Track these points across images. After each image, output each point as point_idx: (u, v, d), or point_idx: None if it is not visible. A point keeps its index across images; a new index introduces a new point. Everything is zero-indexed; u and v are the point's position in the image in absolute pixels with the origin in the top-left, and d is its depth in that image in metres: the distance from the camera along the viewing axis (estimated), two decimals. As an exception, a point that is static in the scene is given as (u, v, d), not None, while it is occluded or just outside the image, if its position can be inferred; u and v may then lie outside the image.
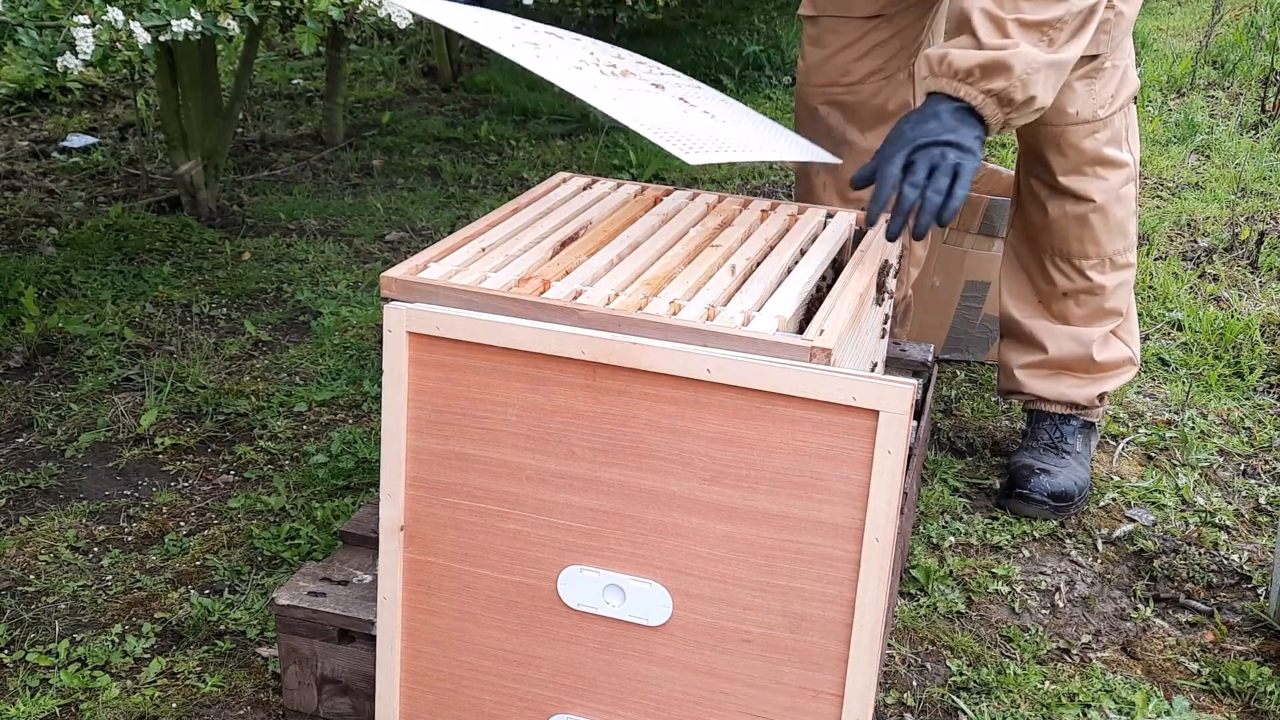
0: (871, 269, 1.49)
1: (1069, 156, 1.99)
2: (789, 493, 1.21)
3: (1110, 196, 2.02)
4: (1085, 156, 1.98)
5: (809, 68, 2.15)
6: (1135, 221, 2.09)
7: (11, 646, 1.68)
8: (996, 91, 1.58)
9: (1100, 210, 2.01)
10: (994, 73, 1.58)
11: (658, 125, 1.42)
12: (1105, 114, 1.96)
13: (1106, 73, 1.94)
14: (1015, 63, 1.57)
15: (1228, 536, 2.01)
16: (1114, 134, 1.99)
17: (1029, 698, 1.64)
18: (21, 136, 3.94)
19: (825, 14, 2.11)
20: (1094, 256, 2.05)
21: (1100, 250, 2.05)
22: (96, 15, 2.00)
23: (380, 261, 3.00)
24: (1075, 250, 2.05)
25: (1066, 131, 1.96)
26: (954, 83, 1.59)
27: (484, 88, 4.65)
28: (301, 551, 1.89)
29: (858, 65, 2.09)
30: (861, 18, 2.07)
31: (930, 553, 1.94)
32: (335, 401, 2.34)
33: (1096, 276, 2.05)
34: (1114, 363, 2.11)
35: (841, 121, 2.15)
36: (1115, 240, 2.05)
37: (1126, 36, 1.98)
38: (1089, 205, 2.00)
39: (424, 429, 1.31)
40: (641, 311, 1.28)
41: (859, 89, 2.11)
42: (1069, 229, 2.03)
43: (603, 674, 1.31)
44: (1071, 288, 2.07)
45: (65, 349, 2.49)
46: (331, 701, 1.50)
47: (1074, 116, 1.95)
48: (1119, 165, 2.01)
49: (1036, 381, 2.11)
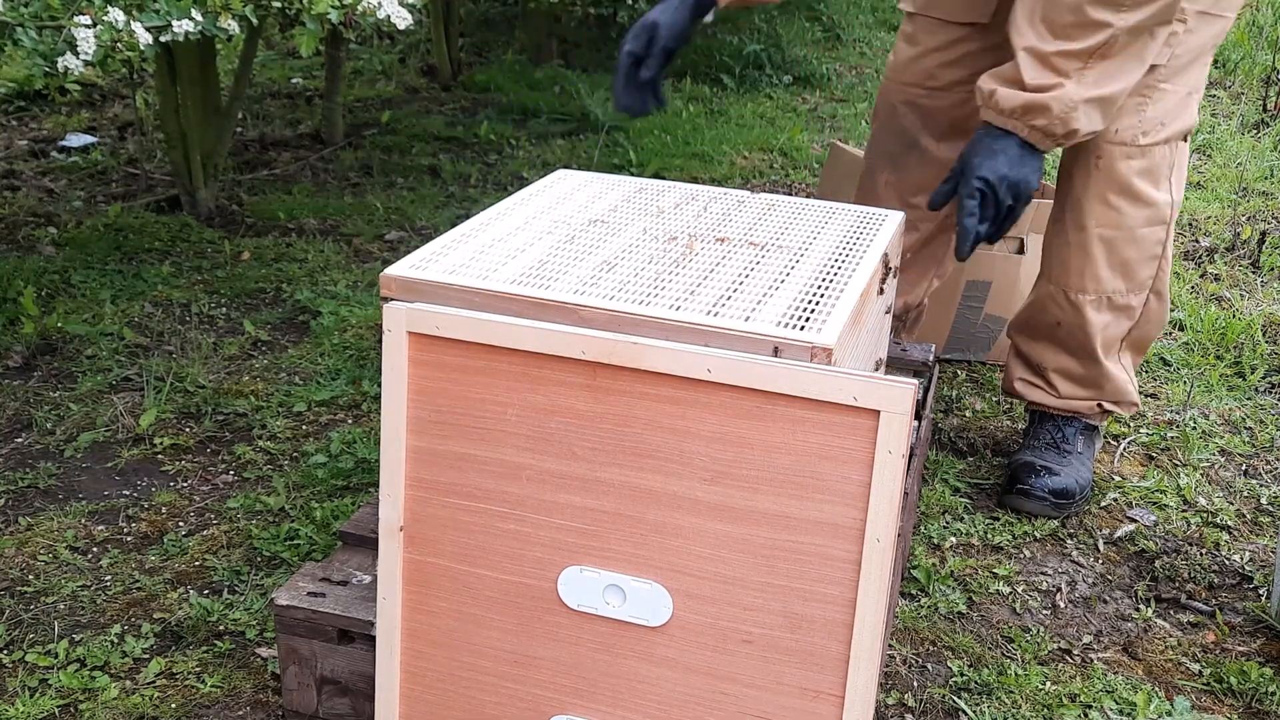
0: (872, 268, 1.49)
1: (1093, 177, 1.89)
2: (790, 493, 1.20)
3: (1123, 234, 1.90)
4: (1112, 182, 1.88)
5: (898, 63, 2.11)
6: (1152, 269, 1.95)
7: (11, 647, 1.68)
8: (1040, 128, 1.70)
9: (1107, 244, 1.91)
10: (1035, 113, 1.69)
11: None
12: (1146, 141, 1.85)
13: (1161, 94, 1.84)
14: (1053, 104, 1.68)
15: (1229, 537, 2.01)
16: (1151, 166, 1.88)
17: (1030, 698, 1.63)
18: (20, 136, 3.93)
19: (923, 13, 2.06)
20: (1091, 293, 1.95)
21: (1099, 287, 1.95)
22: (98, 15, 2.00)
23: (380, 261, 3.00)
24: (1073, 283, 1.95)
25: (1101, 148, 1.86)
26: (1001, 118, 1.72)
27: (484, 87, 4.65)
28: (301, 552, 1.89)
29: (945, 71, 2.04)
30: (957, 23, 2.02)
31: (931, 553, 1.94)
32: (335, 401, 2.34)
33: (1091, 314, 1.96)
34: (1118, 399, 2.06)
35: (917, 124, 2.10)
36: (1113, 280, 1.94)
37: (1196, 64, 1.86)
38: (1093, 235, 1.90)
39: (424, 429, 1.31)
40: (642, 311, 1.28)
41: (942, 95, 2.06)
42: (1069, 256, 1.94)
43: (603, 674, 1.31)
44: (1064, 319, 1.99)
45: (64, 349, 2.49)
46: (331, 702, 1.49)
47: (1112, 135, 1.85)
48: (1145, 202, 1.89)
49: (1038, 392, 2.10)
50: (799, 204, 1.69)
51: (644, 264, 1.42)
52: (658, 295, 1.33)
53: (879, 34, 5.76)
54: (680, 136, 4.03)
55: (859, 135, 4.15)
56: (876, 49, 5.50)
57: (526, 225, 1.53)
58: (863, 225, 1.62)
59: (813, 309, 1.32)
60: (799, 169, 3.78)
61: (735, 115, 4.36)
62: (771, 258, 1.46)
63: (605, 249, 1.46)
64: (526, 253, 1.44)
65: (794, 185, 3.64)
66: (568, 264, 1.40)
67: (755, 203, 1.67)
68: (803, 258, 1.48)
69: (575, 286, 1.34)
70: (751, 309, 1.30)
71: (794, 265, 1.45)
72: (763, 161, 3.86)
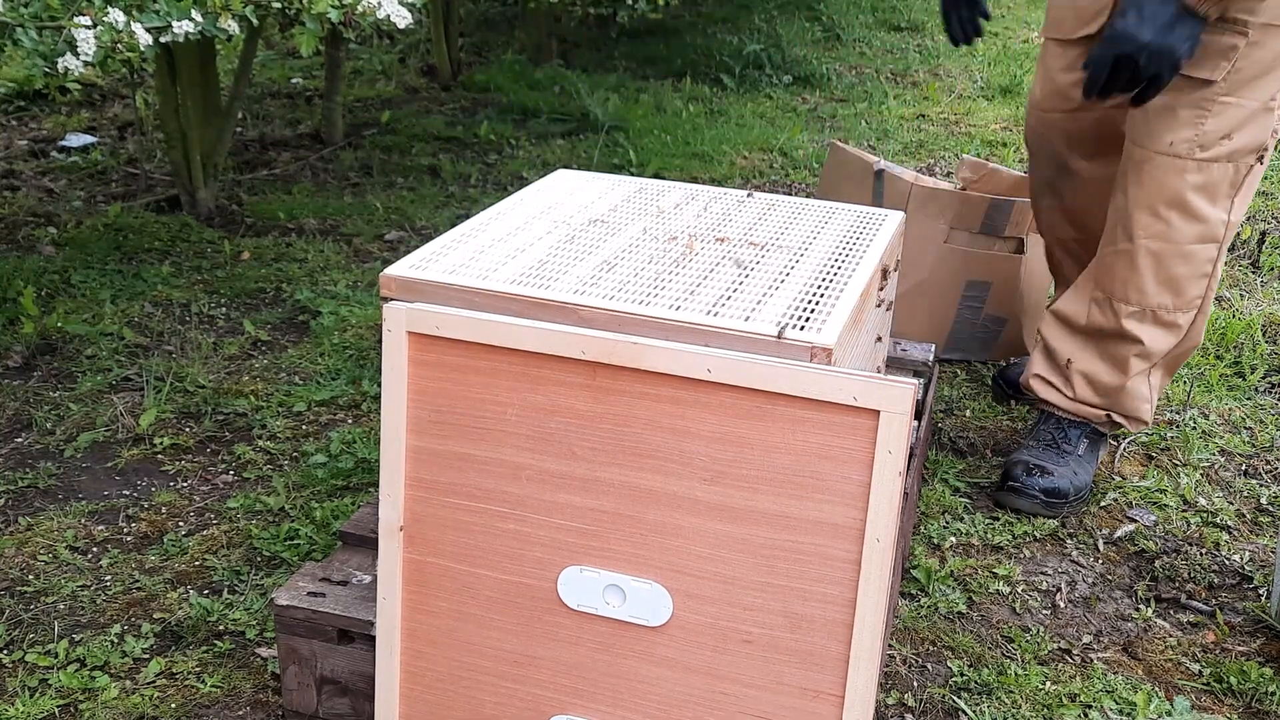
0: (872, 268, 1.49)
1: (1144, 187, 1.84)
2: (790, 493, 1.21)
3: (1171, 247, 1.86)
4: (1162, 194, 1.83)
5: (1036, 94, 2.09)
6: (1201, 288, 1.91)
7: (11, 647, 1.67)
8: None
9: (1155, 257, 1.87)
10: None
11: None
12: (1202, 155, 1.80)
13: (1222, 108, 1.78)
14: None
15: (1229, 537, 2.01)
16: (1209, 182, 1.82)
17: (1030, 698, 1.63)
18: (20, 136, 3.93)
19: (1046, 35, 2.04)
20: (1135, 304, 1.92)
21: (1144, 300, 1.91)
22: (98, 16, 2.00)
23: (380, 261, 3.00)
24: (1118, 291, 1.92)
25: (1155, 160, 1.82)
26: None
27: (484, 87, 4.65)
28: (301, 552, 1.89)
29: (1076, 89, 1.97)
30: (1073, 39, 1.98)
31: (931, 553, 1.94)
32: (334, 401, 2.34)
33: (1131, 325, 1.93)
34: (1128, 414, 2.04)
35: (1065, 148, 2.08)
36: (1160, 295, 1.90)
37: (1269, 78, 1.78)
38: (1141, 246, 1.86)
39: (424, 429, 1.31)
40: (642, 311, 1.28)
41: (1080, 115, 2.02)
42: (1116, 264, 1.90)
43: (603, 674, 1.31)
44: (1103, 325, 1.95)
45: (64, 349, 2.49)
46: (331, 702, 1.49)
47: (1167, 147, 1.81)
48: (1198, 218, 1.84)
49: (1051, 391, 2.08)
50: (799, 204, 1.69)
51: (644, 264, 1.42)
52: (658, 295, 1.33)
53: (879, 34, 5.76)
54: (680, 136, 4.04)
55: (859, 135, 4.15)
56: (876, 49, 5.50)
57: (526, 225, 1.53)
58: (863, 225, 1.62)
59: (813, 309, 1.32)
60: (799, 169, 3.78)
61: (735, 115, 4.36)
62: (771, 258, 1.46)
63: (605, 249, 1.46)
64: (526, 253, 1.44)
65: (794, 185, 3.64)
66: (568, 264, 1.40)
67: (755, 203, 1.67)
68: (803, 258, 1.48)
69: (575, 286, 1.34)
70: (751, 309, 1.30)
71: (794, 265, 1.45)
72: (763, 161, 3.86)
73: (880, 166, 2.54)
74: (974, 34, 2.10)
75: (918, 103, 4.60)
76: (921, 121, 4.36)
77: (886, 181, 2.52)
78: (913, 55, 5.35)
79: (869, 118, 4.39)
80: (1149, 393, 2.03)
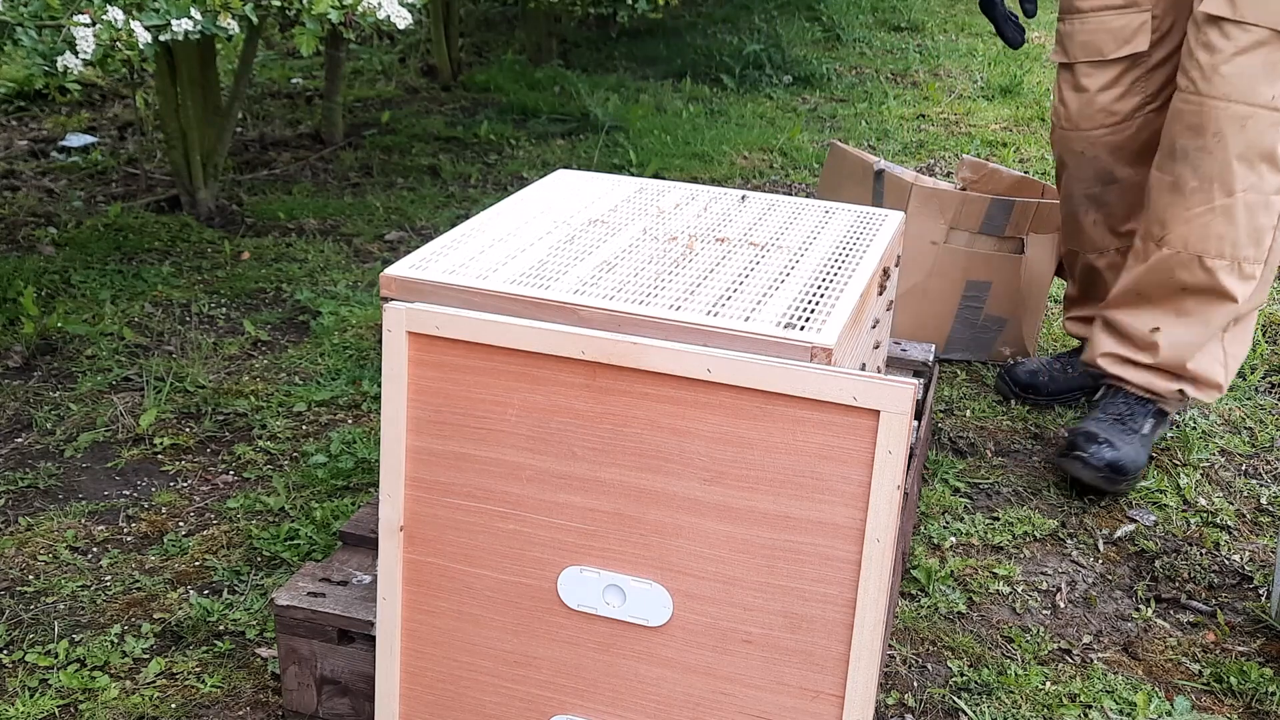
0: (872, 268, 1.49)
1: (1248, 142, 1.90)
2: (790, 493, 1.21)
3: (1258, 198, 1.93)
4: (1261, 147, 1.91)
5: (1071, 113, 2.17)
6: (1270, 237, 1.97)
7: (11, 647, 1.67)
8: None
9: (1249, 210, 1.93)
10: None
11: None
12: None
13: None
14: None
15: (1229, 537, 2.01)
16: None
17: (1030, 698, 1.63)
18: (20, 136, 3.93)
19: (1079, 60, 2.13)
20: (1228, 258, 1.96)
21: (1236, 253, 1.96)
22: (97, 15, 2.00)
23: (380, 261, 3.00)
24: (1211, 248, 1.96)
25: (1259, 115, 1.89)
26: None
27: (484, 87, 4.65)
28: (301, 552, 1.89)
29: (1121, 104, 2.12)
30: (1114, 59, 2.09)
31: (931, 553, 1.94)
32: (334, 401, 2.34)
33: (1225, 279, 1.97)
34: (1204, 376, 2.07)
35: (1111, 160, 2.17)
36: (1247, 246, 1.96)
37: None
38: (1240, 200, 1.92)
39: (424, 429, 1.31)
40: (642, 311, 1.28)
41: (1125, 127, 2.13)
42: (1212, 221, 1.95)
43: (603, 675, 1.31)
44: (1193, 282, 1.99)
45: (64, 349, 2.49)
46: (331, 702, 1.49)
47: (1270, 101, 1.88)
48: None
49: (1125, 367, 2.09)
50: (799, 204, 1.69)
51: (644, 264, 1.42)
52: (657, 295, 1.33)
53: (879, 34, 5.76)
54: (680, 136, 4.04)
55: (859, 135, 4.15)
56: (876, 49, 5.50)
57: (526, 225, 1.53)
58: (863, 225, 1.62)
59: (812, 309, 1.32)
60: (799, 169, 3.78)
61: (735, 115, 4.36)
62: (771, 258, 1.46)
63: (605, 249, 1.46)
64: (526, 253, 1.44)
65: (794, 185, 3.64)
66: (567, 264, 1.40)
67: (755, 203, 1.68)
68: (803, 258, 1.48)
69: (575, 286, 1.34)
70: (751, 309, 1.30)
71: (794, 265, 1.45)
72: (763, 161, 3.86)
73: (880, 166, 2.54)
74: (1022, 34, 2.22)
75: (918, 103, 4.60)
76: (921, 121, 4.36)
77: (886, 181, 2.52)
78: (913, 55, 5.35)
79: (869, 118, 4.39)
80: (1224, 357, 2.07)
